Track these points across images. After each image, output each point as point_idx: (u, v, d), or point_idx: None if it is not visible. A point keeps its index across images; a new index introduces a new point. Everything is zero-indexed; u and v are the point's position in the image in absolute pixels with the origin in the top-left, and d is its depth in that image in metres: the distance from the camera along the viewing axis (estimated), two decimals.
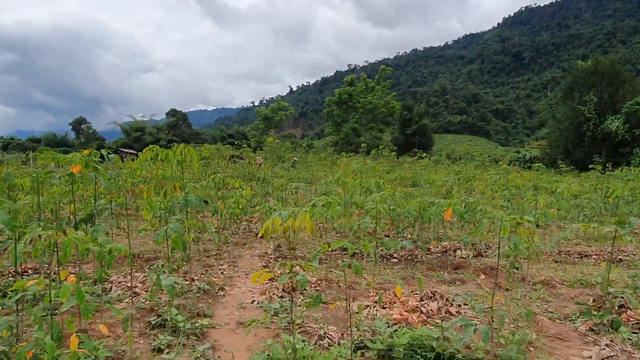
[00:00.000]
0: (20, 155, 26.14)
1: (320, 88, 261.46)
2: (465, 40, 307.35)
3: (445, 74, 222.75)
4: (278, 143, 34.82)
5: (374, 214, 5.93)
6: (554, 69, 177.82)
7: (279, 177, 12.39)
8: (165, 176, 8.04)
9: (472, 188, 10.46)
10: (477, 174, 12.72)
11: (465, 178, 11.37)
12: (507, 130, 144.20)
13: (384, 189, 6.62)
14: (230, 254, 6.46)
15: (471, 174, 12.12)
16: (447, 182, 9.96)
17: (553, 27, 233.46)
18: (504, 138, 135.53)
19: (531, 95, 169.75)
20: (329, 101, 57.42)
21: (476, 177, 11.95)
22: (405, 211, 5.79)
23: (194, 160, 4.12)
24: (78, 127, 74.96)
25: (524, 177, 12.36)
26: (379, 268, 6.02)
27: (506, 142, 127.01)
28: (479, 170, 15.20)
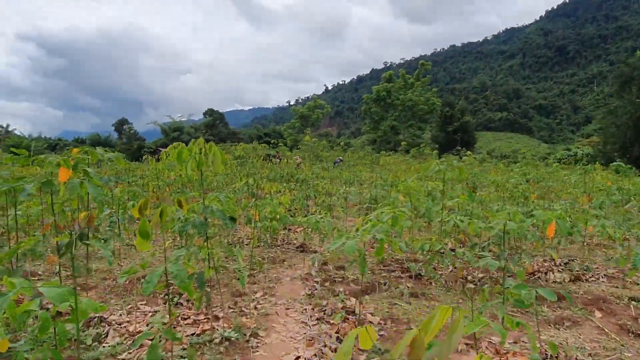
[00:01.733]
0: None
1: (355, 86, 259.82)
2: (506, 34, 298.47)
3: (485, 69, 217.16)
4: (315, 141, 33.73)
5: (449, 228, 4.60)
6: (601, 63, 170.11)
7: (320, 177, 11.19)
8: (191, 179, 6.98)
9: (545, 192, 8.88)
10: (548, 175, 11.07)
11: (535, 179, 9.82)
12: (550, 126, 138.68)
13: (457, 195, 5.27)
14: (266, 275, 5.28)
15: (541, 175, 10.49)
16: (517, 184, 8.45)
17: (600, 18, 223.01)
18: (548, 135, 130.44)
19: (576, 90, 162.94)
20: (366, 99, 55.83)
21: (547, 178, 10.31)
22: (492, 226, 4.42)
23: (217, 160, 2.93)
24: (120, 127, 76.99)
25: (603, 178, 10.60)
26: (453, 297, 4.69)
27: (550, 139, 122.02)
28: (543, 170, 13.45)
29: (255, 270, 5.41)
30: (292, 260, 6.14)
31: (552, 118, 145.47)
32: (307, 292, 4.68)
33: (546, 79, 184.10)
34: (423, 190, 5.33)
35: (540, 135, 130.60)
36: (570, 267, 6.11)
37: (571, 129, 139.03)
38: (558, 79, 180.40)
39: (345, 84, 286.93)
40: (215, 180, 9.00)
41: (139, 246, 2.14)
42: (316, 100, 62.26)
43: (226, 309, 4.03)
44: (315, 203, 8.79)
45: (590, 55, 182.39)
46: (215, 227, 4.67)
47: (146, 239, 2.12)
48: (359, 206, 9.22)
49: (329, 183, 9.44)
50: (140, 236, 2.11)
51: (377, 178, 10.68)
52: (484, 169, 19.90)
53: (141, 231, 2.10)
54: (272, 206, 5.14)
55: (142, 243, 2.12)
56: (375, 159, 29.37)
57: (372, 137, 57.37)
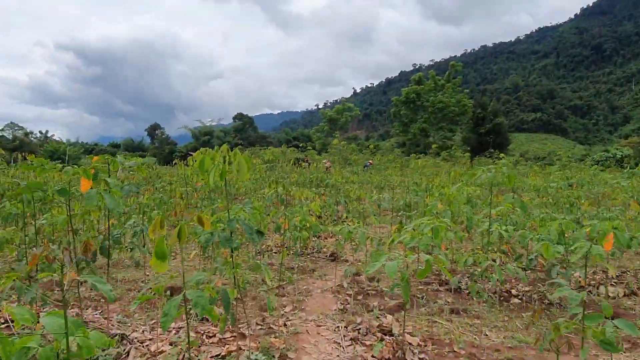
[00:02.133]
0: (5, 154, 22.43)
1: (384, 89, 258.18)
2: (538, 33, 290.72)
3: (517, 70, 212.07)
4: (344, 145, 33.40)
5: (493, 239, 4.23)
6: (639, 61, 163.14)
7: (349, 182, 10.88)
8: (218, 186, 6.80)
9: (595, 198, 8.29)
10: (591, 178, 10.40)
11: (578, 183, 9.21)
12: (586, 127, 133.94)
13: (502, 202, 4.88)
14: (295, 286, 5.02)
15: (586, 179, 9.85)
16: (561, 189, 7.91)
17: (637, 15, 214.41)
18: (583, 136, 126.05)
19: (613, 90, 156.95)
20: (395, 101, 55.01)
21: (591, 182, 9.67)
22: (541, 237, 4.03)
23: (242, 169, 2.69)
24: (153, 132, 78.92)
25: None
26: (498, 314, 4.30)
27: (586, 141, 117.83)
28: (587, 173, 12.71)
29: (284, 281, 5.16)
30: (323, 270, 5.86)
31: (588, 118, 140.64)
32: (339, 306, 4.39)
33: (582, 79, 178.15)
34: (463, 197, 4.96)
35: (576, 136, 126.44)
36: (624, 280, 5.61)
37: (608, 129, 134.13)
38: (594, 78, 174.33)
39: (374, 87, 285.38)
40: (244, 186, 8.84)
41: (154, 267, 1.91)
42: (345, 103, 61.93)
43: (253, 326, 3.78)
44: (346, 209, 8.49)
45: (628, 54, 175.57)
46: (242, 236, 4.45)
47: (162, 260, 1.89)
48: (393, 214, 8.87)
49: (359, 188, 9.12)
50: (155, 257, 1.88)
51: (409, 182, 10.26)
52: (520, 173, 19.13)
53: (157, 252, 1.87)
54: (302, 214, 4.88)
55: (158, 264, 1.89)
56: (405, 162, 28.78)
57: (401, 139, 56.45)
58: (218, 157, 2.73)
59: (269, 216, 5.39)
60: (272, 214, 4.87)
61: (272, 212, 5.22)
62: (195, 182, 7.63)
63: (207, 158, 2.73)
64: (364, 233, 4.04)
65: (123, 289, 4.78)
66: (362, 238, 4.04)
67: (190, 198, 8.15)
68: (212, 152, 2.74)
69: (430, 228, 3.54)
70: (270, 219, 4.88)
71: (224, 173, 2.68)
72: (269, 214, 5.81)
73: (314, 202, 5.41)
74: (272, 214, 5.19)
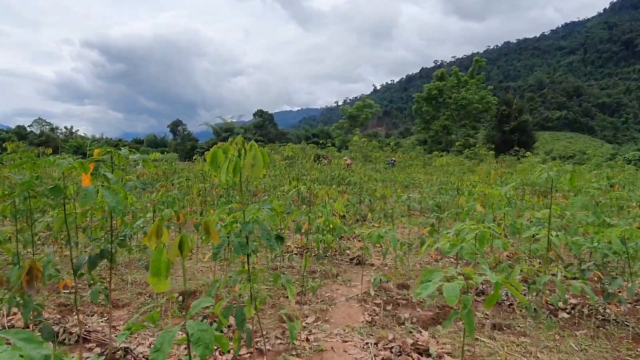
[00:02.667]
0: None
1: (404, 86, 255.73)
2: (565, 29, 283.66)
3: (542, 66, 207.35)
4: (364, 142, 32.86)
5: (543, 246, 3.74)
6: None
7: (372, 180, 10.42)
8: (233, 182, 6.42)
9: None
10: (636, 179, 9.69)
11: (621, 184, 8.55)
12: (615, 125, 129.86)
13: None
14: (317, 293, 4.61)
15: (628, 179, 9.16)
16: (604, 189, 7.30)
17: None
18: (612, 135, 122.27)
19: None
20: (417, 97, 54.04)
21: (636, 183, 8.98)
22: (601, 245, 3.52)
23: (258, 164, 2.29)
24: (175, 128, 80.00)
25: None
26: (547, 331, 3.80)
27: (614, 139, 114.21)
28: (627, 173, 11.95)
29: (306, 287, 4.75)
30: (347, 275, 5.44)
31: (617, 116, 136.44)
32: (367, 318, 3.96)
33: (610, 75, 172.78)
34: (504, 199, 4.47)
35: (604, 134, 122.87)
36: None
37: (638, 128, 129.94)
38: (624, 74, 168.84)
39: (394, 84, 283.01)
40: (263, 183, 8.47)
41: (153, 287, 1.52)
42: (365, 99, 61.22)
43: (272, 340, 3.39)
44: (370, 209, 8.04)
45: None
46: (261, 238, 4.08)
47: (160, 277, 1.50)
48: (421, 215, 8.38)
49: (383, 186, 8.65)
50: (152, 274, 1.49)
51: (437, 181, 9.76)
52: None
53: (153, 268, 1.47)
54: (325, 215, 4.46)
55: (157, 283, 1.50)
56: (427, 160, 28.11)
57: (422, 137, 55.51)
58: (232, 151, 2.33)
59: (290, 215, 5.00)
60: (294, 214, 4.46)
61: (293, 212, 4.83)
62: (214, 178, 7.30)
63: (220, 152, 2.34)
64: (394, 237, 3.60)
65: (133, 293, 4.44)
66: (393, 242, 3.60)
67: (208, 195, 7.82)
68: (226, 144, 2.34)
69: (474, 235, 3.08)
70: (291, 219, 4.48)
71: (238, 168, 2.28)
72: (290, 212, 5.43)
73: (337, 201, 4.99)
74: (293, 214, 4.79)
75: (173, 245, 1.51)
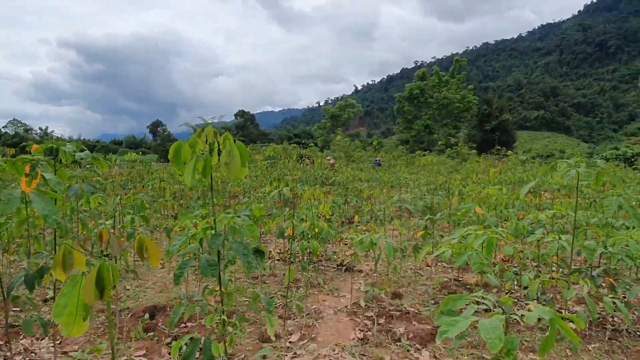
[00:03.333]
0: None
1: (385, 86, 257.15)
2: (542, 30, 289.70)
3: (520, 67, 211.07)
4: (347, 141, 32.56)
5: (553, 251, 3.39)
6: None
7: (358, 180, 10.04)
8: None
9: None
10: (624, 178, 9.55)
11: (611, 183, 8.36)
12: (590, 125, 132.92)
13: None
14: (302, 305, 4.18)
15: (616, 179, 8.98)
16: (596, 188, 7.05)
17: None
18: (587, 134, 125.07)
19: (618, 87, 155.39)
20: (399, 97, 54.04)
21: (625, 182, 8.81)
22: (616, 250, 3.19)
23: (235, 161, 1.85)
24: (155, 129, 78.70)
25: None
26: (556, 345, 3.46)
27: (589, 139, 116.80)
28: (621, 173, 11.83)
29: (290, 298, 4.33)
30: (334, 282, 5.02)
31: (592, 116, 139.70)
32: (358, 334, 3.55)
33: (585, 76, 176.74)
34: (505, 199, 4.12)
35: (579, 134, 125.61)
36: None
37: (613, 127, 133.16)
38: (598, 75, 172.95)
39: (375, 84, 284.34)
40: (243, 184, 8.00)
41: (64, 332, 1.07)
42: (347, 99, 60.99)
43: None
44: (356, 210, 7.64)
45: (633, 50, 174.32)
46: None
47: (74, 319, 1.05)
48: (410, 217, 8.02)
49: (370, 187, 8.28)
50: (55, 315, 1.04)
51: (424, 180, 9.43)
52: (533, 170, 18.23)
53: (56, 310, 1.03)
54: (310, 218, 4.04)
55: (69, 326, 1.06)
56: (410, 159, 27.94)
57: (404, 136, 55.52)
58: (200, 145, 1.89)
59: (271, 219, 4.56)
60: (277, 219, 4.01)
61: (275, 216, 4.39)
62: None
63: (186, 146, 1.89)
64: (390, 245, 3.20)
65: (93, 309, 3.94)
66: (389, 251, 3.20)
67: (184, 197, 7.32)
68: (193, 136, 1.90)
69: (482, 241, 2.70)
70: (274, 224, 4.04)
71: (209, 167, 1.83)
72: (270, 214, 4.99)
73: (322, 203, 4.57)
74: (276, 219, 4.35)
75: (88, 281, 1.06)
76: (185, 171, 1.79)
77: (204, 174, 1.82)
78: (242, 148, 1.93)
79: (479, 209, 3.98)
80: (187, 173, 1.78)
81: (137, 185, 7.26)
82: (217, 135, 1.94)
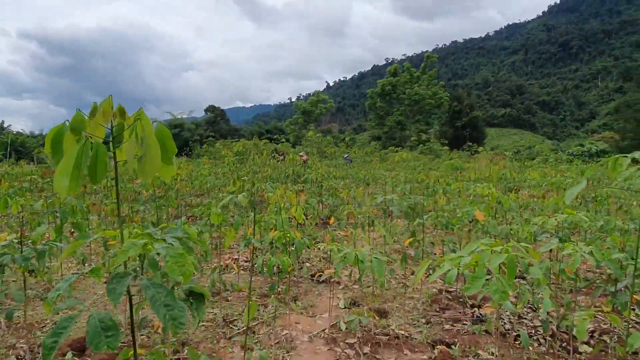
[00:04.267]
0: None
1: (357, 83, 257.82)
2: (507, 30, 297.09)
3: (487, 65, 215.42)
4: (319, 137, 31.89)
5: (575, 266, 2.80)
6: (605, 58, 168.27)
7: (332, 177, 9.37)
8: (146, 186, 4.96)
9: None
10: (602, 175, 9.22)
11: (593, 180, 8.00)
12: (554, 122, 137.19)
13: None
14: (271, 328, 3.47)
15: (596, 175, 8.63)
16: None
17: (603, 13, 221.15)
18: (551, 131, 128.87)
19: (580, 86, 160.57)
20: (371, 93, 53.72)
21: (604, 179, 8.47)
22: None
23: (150, 155, 1.12)
24: None
25: None
26: None
27: (554, 136, 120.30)
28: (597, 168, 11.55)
29: (257, 318, 3.61)
30: (308, 298, 4.32)
31: (556, 114, 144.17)
32: None
33: (549, 75, 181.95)
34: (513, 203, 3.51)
35: (544, 131, 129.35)
36: None
37: (575, 125, 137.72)
38: (561, 74, 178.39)
39: (347, 81, 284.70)
40: (207, 182, 7.19)
41: None
42: (319, 94, 60.25)
43: None
44: (332, 210, 6.96)
45: (594, 51, 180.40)
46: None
47: None
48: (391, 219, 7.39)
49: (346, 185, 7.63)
50: None
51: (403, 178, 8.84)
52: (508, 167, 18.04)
53: None
54: (280, 226, 3.32)
55: None
56: (383, 155, 27.51)
57: (376, 133, 55.23)
58: (94, 128, 1.15)
59: (231, 228, 3.81)
60: (232, 233, 3.25)
61: (236, 225, 3.65)
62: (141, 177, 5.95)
63: (69, 133, 1.15)
64: (380, 263, 2.53)
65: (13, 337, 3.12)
66: (380, 269, 2.53)
67: (138, 200, 6.47)
68: (78, 114, 1.15)
69: (502, 260, 2.06)
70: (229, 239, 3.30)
71: (102, 164, 1.10)
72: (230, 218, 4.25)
73: (294, 206, 3.86)
74: (237, 227, 3.62)
75: None
76: (58, 171, 1.05)
77: (92, 177, 1.08)
78: (165, 134, 1.20)
79: (479, 214, 3.34)
80: (61, 174, 1.04)
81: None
82: (125, 114, 1.21)
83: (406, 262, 3.60)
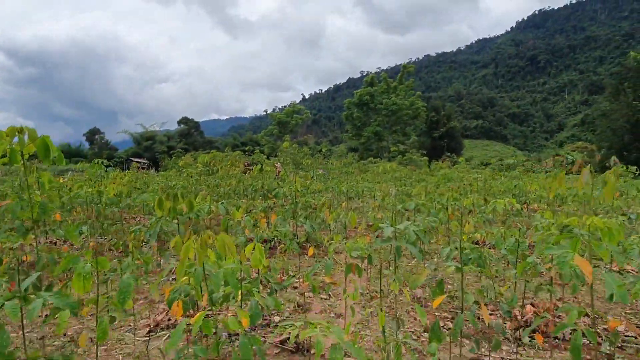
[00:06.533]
0: None
1: (332, 95, 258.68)
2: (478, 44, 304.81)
3: (459, 78, 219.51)
4: (295, 148, 30.38)
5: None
6: (571, 72, 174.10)
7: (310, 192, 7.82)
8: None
9: None
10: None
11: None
12: (524, 134, 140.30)
13: None
14: None
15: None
16: None
17: (568, 29, 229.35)
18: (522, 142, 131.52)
19: (548, 99, 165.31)
20: (348, 103, 52.74)
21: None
22: None
23: None
24: (92, 137, 73.71)
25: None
26: None
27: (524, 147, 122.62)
28: None
29: None
30: None
31: (526, 126, 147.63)
32: None
33: (519, 88, 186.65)
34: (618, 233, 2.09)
35: (515, 142, 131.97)
36: None
37: (544, 136, 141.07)
38: (530, 87, 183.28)
39: (323, 93, 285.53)
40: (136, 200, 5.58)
41: None
42: (295, 105, 58.98)
43: None
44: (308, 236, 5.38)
45: (560, 65, 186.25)
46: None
47: None
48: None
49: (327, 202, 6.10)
50: None
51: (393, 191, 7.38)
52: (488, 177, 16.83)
53: None
54: (216, 285, 1.76)
55: None
56: (362, 166, 26.18)
57: (353, 144, 54.25)
58: None
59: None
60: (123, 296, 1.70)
61: (152, 287, 2.10)
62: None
63: None
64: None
65: None
66: None
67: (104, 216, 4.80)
68: None
69: None
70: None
71: None
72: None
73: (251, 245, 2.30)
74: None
75: None
76: None
77: None
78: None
79: (582, 262, 1.76)
80: None
81: None
82: None
83: (440, 340, 2.07)
